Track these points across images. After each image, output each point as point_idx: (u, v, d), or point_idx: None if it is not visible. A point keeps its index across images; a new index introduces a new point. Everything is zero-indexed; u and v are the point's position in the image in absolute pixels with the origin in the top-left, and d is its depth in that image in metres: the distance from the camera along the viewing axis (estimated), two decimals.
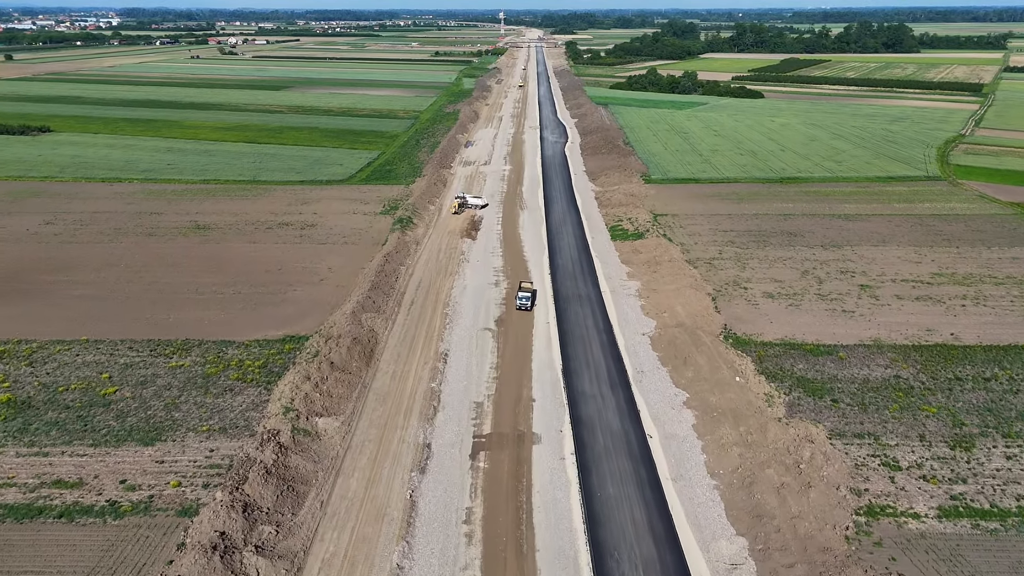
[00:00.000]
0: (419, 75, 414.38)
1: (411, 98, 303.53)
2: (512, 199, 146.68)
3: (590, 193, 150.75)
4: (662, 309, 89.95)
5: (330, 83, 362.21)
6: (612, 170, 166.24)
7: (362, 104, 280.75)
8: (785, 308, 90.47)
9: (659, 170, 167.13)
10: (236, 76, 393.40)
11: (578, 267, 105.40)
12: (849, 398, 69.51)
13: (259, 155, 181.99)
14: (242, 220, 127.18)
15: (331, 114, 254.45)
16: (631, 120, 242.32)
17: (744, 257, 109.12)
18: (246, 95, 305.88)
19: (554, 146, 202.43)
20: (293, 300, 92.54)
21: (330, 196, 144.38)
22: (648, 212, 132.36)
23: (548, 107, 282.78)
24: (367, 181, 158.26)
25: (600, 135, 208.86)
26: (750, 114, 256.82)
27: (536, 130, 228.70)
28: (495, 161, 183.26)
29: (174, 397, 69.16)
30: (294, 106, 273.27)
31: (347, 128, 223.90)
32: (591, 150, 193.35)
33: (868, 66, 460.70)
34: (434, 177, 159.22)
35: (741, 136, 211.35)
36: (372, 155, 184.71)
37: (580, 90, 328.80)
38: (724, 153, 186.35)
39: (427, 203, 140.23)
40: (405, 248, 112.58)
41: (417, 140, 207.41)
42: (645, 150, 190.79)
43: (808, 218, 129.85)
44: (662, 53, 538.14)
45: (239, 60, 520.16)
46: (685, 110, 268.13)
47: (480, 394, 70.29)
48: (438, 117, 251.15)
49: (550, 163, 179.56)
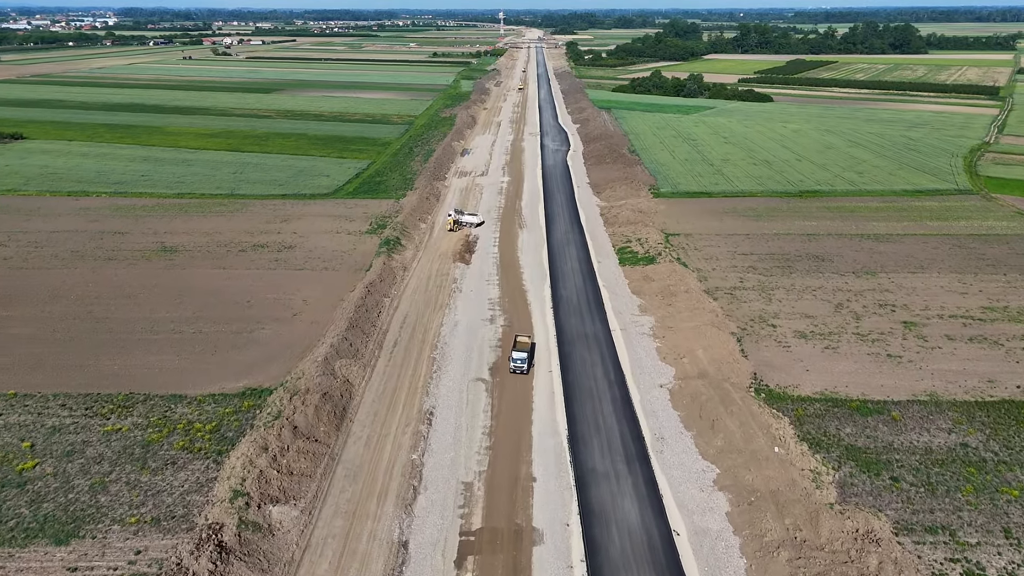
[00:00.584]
0: (416, 77, 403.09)
1: (406, 101, 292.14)
2: (510, 216, 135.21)
3: (595, 209, 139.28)
4: (681, 353, 78.54)
5: (323, 85, 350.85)
6: (618, 182, 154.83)
7: (355, 108, 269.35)
8: (821, 351, 79.09)
9: (668, 182, 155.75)
10: (227, 78, 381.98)
11: (584, 299, 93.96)
12: (911, 475, 58.16)
13: (241, 165, 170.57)
14: (214, 241, 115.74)
15: (322, 119, 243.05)
16: (636, 126, 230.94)
17: (769, 286, 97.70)
18: (235, 98, 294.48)
19: (555, 155, 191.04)
20: (260, 341, 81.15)
21: (313, 212, 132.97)
22: (659, 231, 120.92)
23: (549, 111, 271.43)
24: (354, 195, 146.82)
25: (604, 142, 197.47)
26: (760, 119, 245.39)
27: (536, 137, 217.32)
28: (493, 172, 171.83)
29: (104, 474, 57.79)
30: (283, 110, 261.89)
31: (337, 135, 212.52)
32: (595, 159, 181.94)
33: (877, 67, 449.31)
34: (427, 190, 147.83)
35: (753, 143, 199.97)
36: (362, 165, 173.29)
37: (582, 93, 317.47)
38: (736, 163, 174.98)
39: (418, 220, 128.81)
40: (391, 275, 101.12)
41: (410, 148, 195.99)
42: (652, 159, 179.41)
43: (835, 239, 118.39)
44: (665, 54, 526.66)
45: (232, 61, 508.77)
46: (692, 115, 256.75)
47: (470, 470, 58.87)
48: (434, 122, 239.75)
49: (551, 174, 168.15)
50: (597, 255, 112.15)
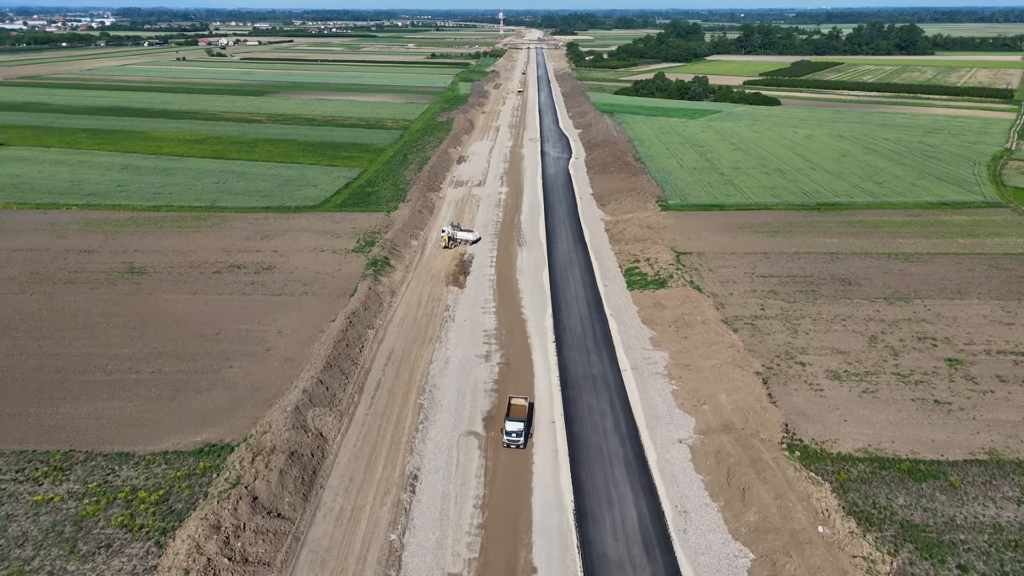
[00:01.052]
0: (413, 79, 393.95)
1: (402, 105, 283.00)
2: (509, 231, 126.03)
3: (599, 223, 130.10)
4: (701, 398, 69.43)
5: (317, 88, 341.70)
6: (623, 193, 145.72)
7: (348, 112, 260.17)
8: (858, 396, 69.98)
9: (677, 193, 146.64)
10: (219, 80, 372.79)
11: (589, 330, 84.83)
12: (982, 562, 49.14)
13: (224, 174, 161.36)
14: (187, 261, 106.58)
15: (313, 124, 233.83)
16: (640, 131, 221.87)
17: (793, 315, 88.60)
18: (225, 101, 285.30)
19: (556, 162, 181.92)
20: (226, 382, 72.04)
21: (297, 227, 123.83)
22: (669, 250, 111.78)
23: (549, 116, 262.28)
24: (343, 207, 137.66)
25: (607, 149, 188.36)
26: (769, 124, 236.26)
27: (536, 143, 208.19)
28: (490, 181, 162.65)
29: (24, 561, 48.72)
30: (274, 114, 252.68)
31: (328, 141, 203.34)
32: (598, 167, 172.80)
33: (884, 69, 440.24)
34: (420, 202, 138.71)
35: (763, 150, 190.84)
36: (352, 174, 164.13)
37: (583, 96, 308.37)
38: (748, 171, 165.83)
39: (409, 237, 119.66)
40: (377, 302, 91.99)
41: (404, 155, 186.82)
42: (658, 167, 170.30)
43: (860, 258, 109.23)
44: (667, 55, 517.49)
45: (226, 62, 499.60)
46: (698, 119, 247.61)
47: (458, 557, 49.74)
48: (430, 127, 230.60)
49: (552, 184, 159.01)
50: (603, 277, 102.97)
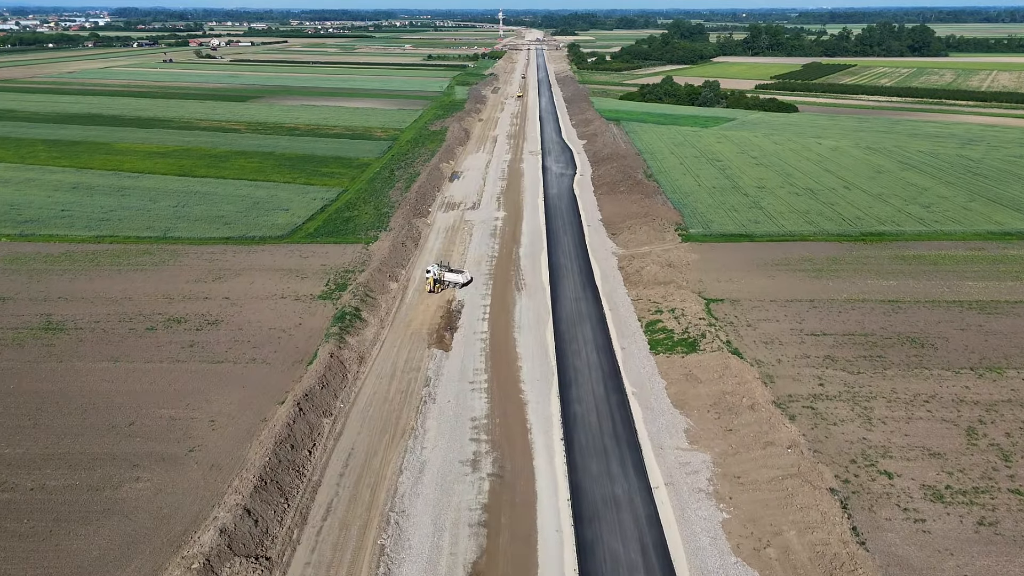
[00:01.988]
0: (407, 82, 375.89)
1: (393, 112, 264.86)
2: (506, 269, 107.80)
3: (611, 260, 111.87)
4: (762, 536, 51.35)
5: (305, 92, 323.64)
6: (636, 219, 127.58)
7: (335, 120, 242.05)
8: (974, 532, 51.84)
9: (698, 219, 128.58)
10: (202, 84, 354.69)
11: (607, 419, 66.68)
12: None
13: (186, 195, 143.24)
14: (118, 312, 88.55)
15: (295, 133, 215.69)
16: (650, 142, 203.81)
17: (861, 392, 70.50)
18: (204, 107, 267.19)
19: (560, 180, 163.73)
20: (125, 507, 54.00)
21: (258, 264, 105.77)
22: (696, 296, 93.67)
23: (551, 124, 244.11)
24: (315, 237, 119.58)
25: (616, 164, 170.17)
26: (790, 134, 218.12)
27: (537, 156, 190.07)
28: (486, 203, 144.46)
29: None
30: (255, 122, 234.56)
31: (309, 154, 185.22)
32: (606, 187, 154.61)
33: (899, 71, 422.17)
34: (404, 231, 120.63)
35: (788, 165, 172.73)
36: (331, 194, 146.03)
37: (586, 101, 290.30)
38: (775, 192, 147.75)
39: (388, 278, 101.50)
40: (340, 374, 73.85)
41: (391, 171, 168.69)
42: (674, 186, 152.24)
43: (926, 309, 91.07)
44: (672, 57, 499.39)
45: (215, 64, 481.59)
46: (711, 128, 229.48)
47: None
48: (422, 137, 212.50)
49: (555, 207, 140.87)
50: (620, 335, 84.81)
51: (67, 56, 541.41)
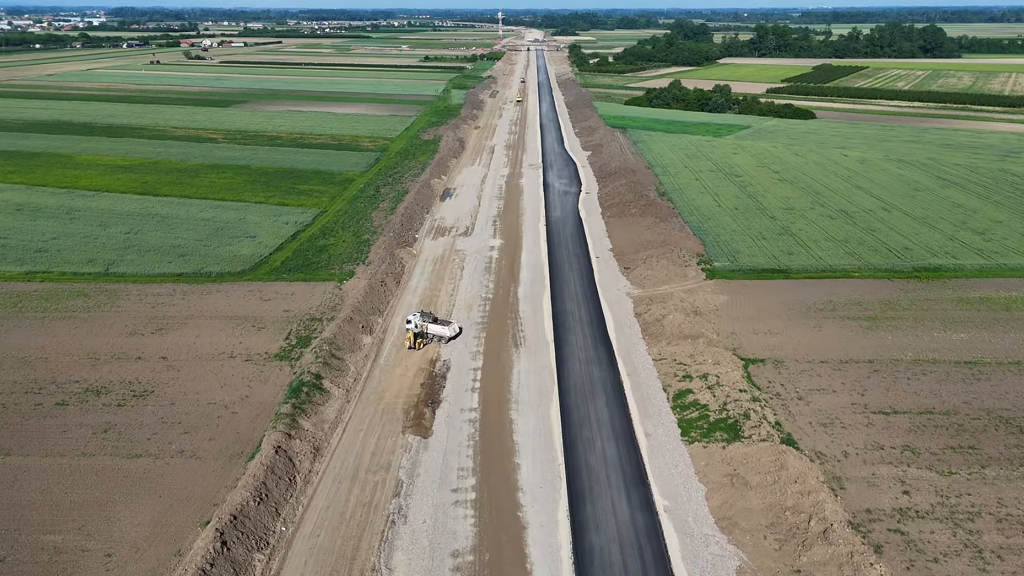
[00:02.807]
0: (401, 86, 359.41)
1: (384, 119, 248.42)
2: (501, 318, 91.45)
3: (626, 303, 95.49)
4: None
5: (293, 96, 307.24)
6: (652, 250, 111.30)
7: (321, 128, 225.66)
8: None
9: (722, 248, 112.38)
10: (186, 87, 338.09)
11: (634, 554, 50.36)
12: None
13: (143, 218, 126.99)
14: (27, 380, 72.47)
15: (276, 144, 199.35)
16: (660, 152, 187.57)
17: (961, 507, 54.34)
18: (183, 113, 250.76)
19: (563, 199, 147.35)
20: None
21: (210, 310, 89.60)
22: (732, 356, 77.49)
23: (552, 132, 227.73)
24: (281, 272, 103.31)
25: (625, 180, 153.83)
26: (811, 144, 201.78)
27: (538, 170, 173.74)
28: (481, 228, 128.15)
29: None
30: (235, 131, 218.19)
31: (288, 167, 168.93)
32: (615, 207, 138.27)
33: (914, 74, 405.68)
34: (385, 265, 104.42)
35: (815, 181, 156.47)
36: (306, 217, 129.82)
37: (589, 107, 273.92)
38: (805, 213, 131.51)
39: (360, 329, 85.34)
40: (286, 479, 57.63)
41: (377, 188, 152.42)
42: (691, 207, 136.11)
43: (1015, 373, 74.76)
44: (677, 58, 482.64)
45: (203, 66, 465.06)
46: (725, 137, 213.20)
47: None
48: (413, 148, 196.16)
49: (559, 233, 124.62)
50: (642, 413, 68.50)
51: (52, 57, 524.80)
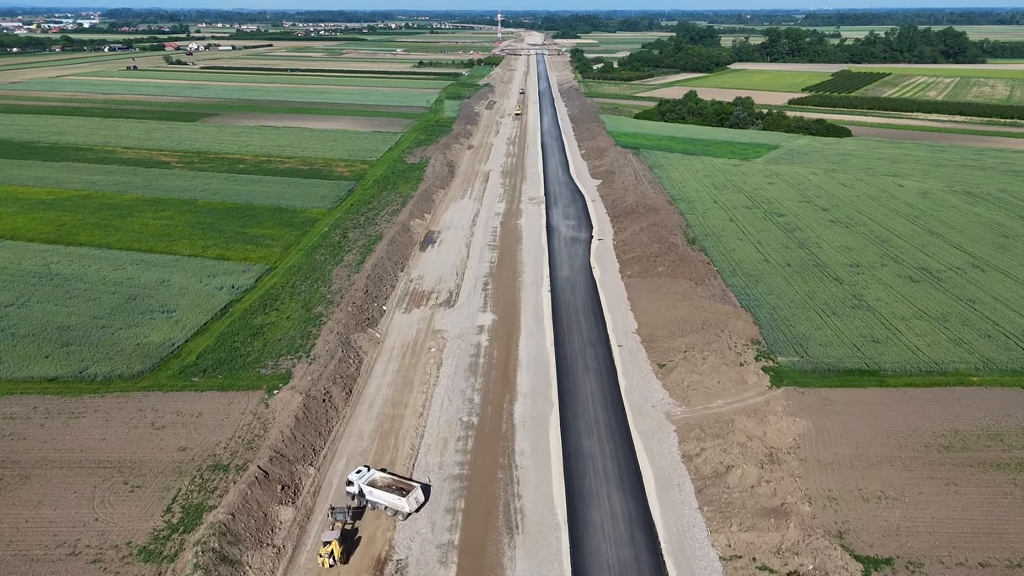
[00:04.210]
0: (390, 95, 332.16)
1: (367, 136, 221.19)
2: (489, 470, 63.67)
3: (667, 436, 67.81)
4: None
5: (270, 108, 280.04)
6: (693, 335, 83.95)
7: (293, 148, 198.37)
8: None
9: (783, 331, 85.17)
10: (156, 97, 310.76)
11: None
12: None
13: (39, 280, 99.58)
14: None
15: (237, 169, 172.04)
16: (682, 181, 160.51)
17: None
18: (142, 130, 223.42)
19: (571, 250, 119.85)
20: None
21: (72, 448, 62.50)
22: (840, 554, 50.28)
23: (555, 154, 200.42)
24: (192, 374, 76.05)
25: (646, 222, 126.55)
26: (855, 170, 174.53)
27: (540, 205, 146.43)
28: (467, 295, 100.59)
29: None
30: (193, 152, 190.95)
31: (243, 203, 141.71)
32: (638, 263, 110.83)
33: (942, 81, 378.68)
34: (334, 363, 77.16)
35: (875, 222, 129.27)
36: (247, 278, 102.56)
37: (596, 122, 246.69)
38: (876, 271, 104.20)
39: (278, 496, 57.88)
40: None
41: (344, 233, 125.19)
42: (731, 260, 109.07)
43: None
44: (686, 64, 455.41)
45: (182, 72, 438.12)
46: (754, 160, 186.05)
47: None
48: (394, 175, 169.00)
49: (569, 306, 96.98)
50: None
51: (28, 62, 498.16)
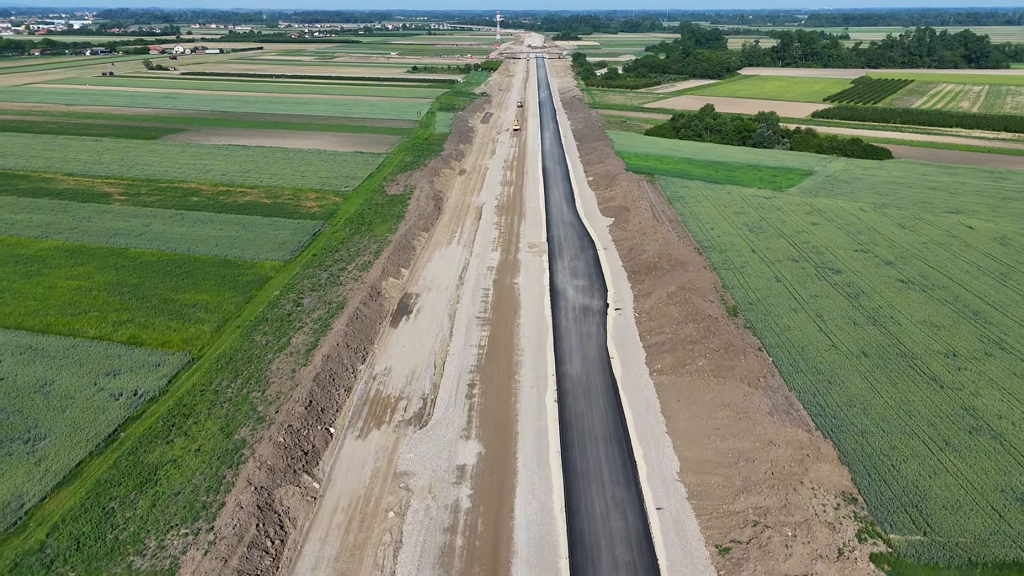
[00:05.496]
0: (378, 106, 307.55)
1: (346, 159, 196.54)
2: None
3: None
4: None
5: (244, 123, 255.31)
6: (758, 480, 59.37)
7: (259, 173, 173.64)
8: None
9: (884, 479, 60.67)
10: (122, 108, 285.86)
11: None
12: None
13: None
14: None
15: (188, 203, 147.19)
16: (709, 219, 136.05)
17: None
18: (92, 151, 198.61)
19: (582, 328, 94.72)
20: None
21: None
22: None
23: (559, 183, 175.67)
24: (27, 570, 51.20)
25: (673, 285, 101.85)
26: (909, 203, 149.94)
27: (541, 256, 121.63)
28: (445, 408, 75.62)
29: None
30: (143, 180, 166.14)
31: (183, 253, 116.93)
32: (670, 350, 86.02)
33: (971, 90, 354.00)
34: (242, 540, 52.29)
35: (956, 282, 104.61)
36: (157, 379, 77.70)
37: (603, 139, 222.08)
38: (982, 364, 79.57)
39: None
40: None
41: (299, 298, 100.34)
42: (788, 344, 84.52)
43: None
44: (695, 70, 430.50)
45: (159, 79, 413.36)
46: (788, 191, 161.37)
47: None
48: (371, 211, 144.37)
49: (583, 433, 72.16)
50: None
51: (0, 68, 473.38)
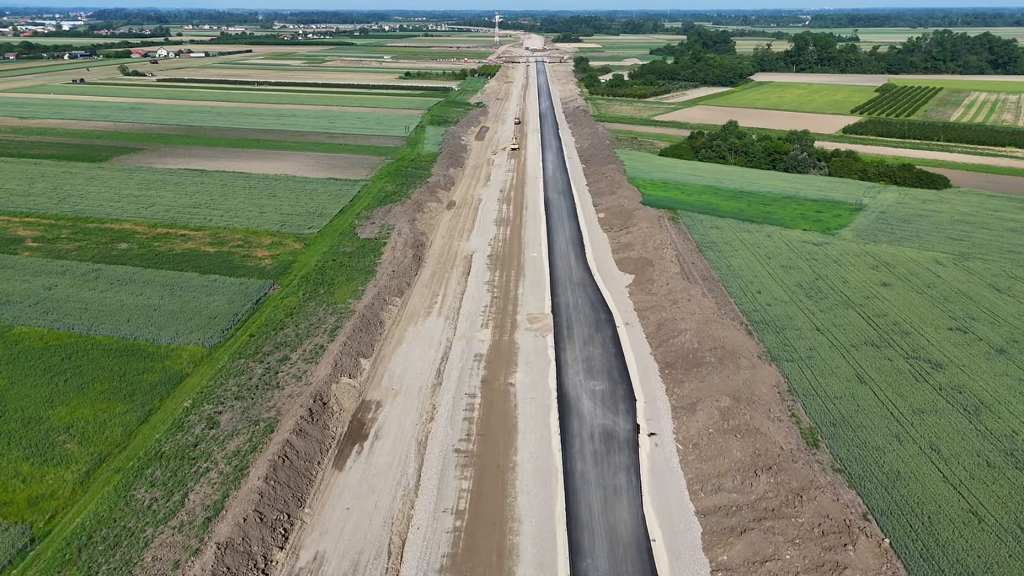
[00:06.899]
0: (363, 120, 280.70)
1: (318, 187, 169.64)
2: None
3: None
4: None
5: (211, 140, 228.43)
6: None
7: (210, 210, 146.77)
8: None
9: None
10: (79, 123, 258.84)
11: None
12: None
13: None
14: None
15: (112, 253, 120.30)
16: (752, 279, 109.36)
17: None
18: (25, 177, 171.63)
19: (605, 475, 67.18)
20: None
21: None
22: None
23: (565, 223, 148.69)
24: None
25: (726, 399, 75.21)
26: (995, 253, 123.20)
27: (546, 338, 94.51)
28: None
29: None
30: (70, 219, 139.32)
31: (79, 336, 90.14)
32: (738, 526, 59.30)
33: (1007, 99, 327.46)
34: None
35: None
36: None
37: (613, 162, 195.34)
38: None
39: None
40: None
41: (212, 418, 73.35)
42: (899, 503, 58.00)
43: None
44: (706, 77, 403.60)
45: (131, 86, 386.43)
46: (839, 232, 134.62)
47: None
48: (334, 266, 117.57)
49: None
50: None
51: None
